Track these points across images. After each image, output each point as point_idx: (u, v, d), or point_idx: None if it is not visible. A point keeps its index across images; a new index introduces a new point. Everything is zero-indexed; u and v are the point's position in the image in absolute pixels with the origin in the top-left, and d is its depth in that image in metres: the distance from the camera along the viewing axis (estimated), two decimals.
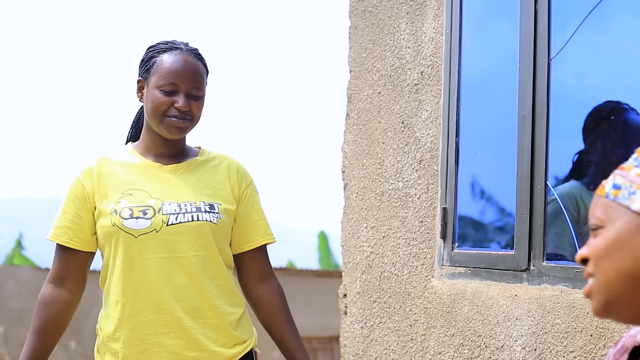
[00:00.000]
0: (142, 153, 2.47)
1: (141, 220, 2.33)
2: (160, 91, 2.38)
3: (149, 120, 2.44)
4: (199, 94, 2.42)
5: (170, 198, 2.38)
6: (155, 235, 2.33)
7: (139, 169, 2.43)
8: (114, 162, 2.45)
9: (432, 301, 3.02)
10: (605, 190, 1.21)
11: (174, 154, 2.47)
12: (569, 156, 2.78)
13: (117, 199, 2.37)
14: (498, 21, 3.07)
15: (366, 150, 3.43)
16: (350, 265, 3.51)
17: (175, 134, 2.41)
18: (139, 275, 2.33)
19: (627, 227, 1.17)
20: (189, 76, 2.39)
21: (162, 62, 2.40)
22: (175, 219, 2.35)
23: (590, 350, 2.40)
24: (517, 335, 2.65)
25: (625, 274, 1.17)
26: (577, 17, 2.66)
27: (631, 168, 1.19)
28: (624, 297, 1.18)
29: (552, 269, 2.59)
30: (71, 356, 10.42)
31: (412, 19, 3.23)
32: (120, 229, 2.33)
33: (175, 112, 2.38)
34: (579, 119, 2.78)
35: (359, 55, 3.52)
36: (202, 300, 2.35)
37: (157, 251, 2.33)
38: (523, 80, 2.73)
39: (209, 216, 2.38)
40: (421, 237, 3.12)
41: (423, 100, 3.15)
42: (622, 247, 1.17)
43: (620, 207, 1.18)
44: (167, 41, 2.47)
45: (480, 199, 3.09)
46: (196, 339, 2.34)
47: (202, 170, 2.47)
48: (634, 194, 1.17)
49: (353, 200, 3.50)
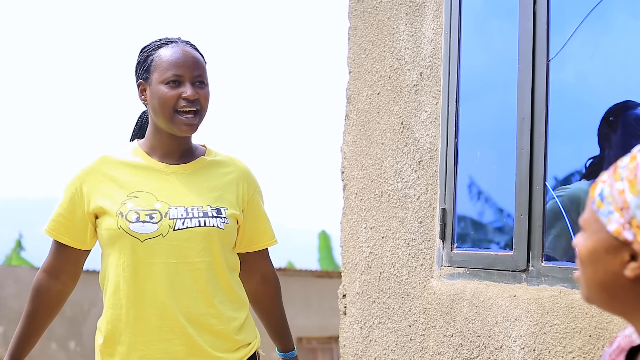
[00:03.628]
0: (147, 152, 2.41)
1: (147, 224, 2.28)
2: (165, 85, 2.32)
3: (156, 120, 2.37)
4: (204, 81, 2.37)
5: (177, 202, 2.33)
6: (162, 240, 2.29)
7: (144, 170, 2.38)
8: (117, 162, 2.39)
9: (431, 301, 3.02)
10: (593, 194, 1.21)
11: (180, 154, 2.41)
12: (568, 157, 2.78)
13: (122, 200, 2.32)
14: (497, 22, 3.08)
15: (365, 151, 3.44)
16: (349, 266, 3.51)
17: (185, 132, 2.35)
18: (144, 280, 2.29)
19: (601, 244, 1.18)
20: (191, 65, 2.34)
21: (161, 57, 2.35)
22: (182, 224, 2.30)
23: (589, 350, 2.41)
24: (516, 336, 2.65)
25: (598, 284, 1.20)
26: (576, 18, 2.66)
27: (618, 178, 1.18)
28: (600, 302, 1.22)
29: (551, 269, 2.59)
30: (71, 356, 10.41)
31: (411, 20, 3.23)
32: (126, 233, 2.29)
33: (184, 103, 2.31)
34: (578, 120, 2.78)
35: (358, 56, 3.52)
36: (206, 307, 2.32)
37: (163, 256, 2.29)
38: (522, 81, 2.74)
39: (216, 221, 2.34)
40: (420, 237, 3.12)
41: (422, 101, 3.15)
42: (596, 260, 1.19)
43: (599, 221, 1.19)
44: (159, 38, 2.43)
45: (479, 200, 3.10)
46: (200, 346, 2.32)
47: (209, 173, 2.42)
48: (612, 214, 1.17)
49: (352, 200, 3.51)
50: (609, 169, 1.22)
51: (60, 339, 10.39)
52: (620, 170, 1.19)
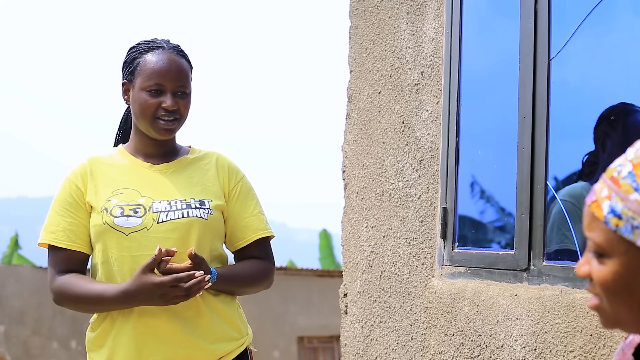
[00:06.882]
0: (132, 153, 2.48)
1: (132, 218, 2.34)
2: (147, 92, 2.38)
3: (137, 123, 2.44)
4: (185, 91, 2.42)
5: (161, 196, 2.38)
6: (147, 233, 2.33)
7: (130, 169, 2.44)
8: (104, 163, 2.46)
9: (432, 301, 3.02)
10: (603, 214, 1.13)
11: (163, 154, 2.48)
12: (569, 156, 2.78)
13: (107, 197, 2.37)
14: (498, 21, 3.08)
15: (366, 150, 3.44)
16: (350, 265, 3.51)
17: (164, 135, 2.42)
18: (130, 274, 2.32)
19: (635, 263, 1.11)
20: (174, 75, 2.39)
21: (146, 63, 2.40)
22: (166, 217, 2.35)
23: (590, 349, 2.40)
24: (517, 335, 2.65)
25: (636, 307, 1.13)
26: (577, 17, 2.66)
27: (629, 190, 1.11)
28: (634, 325, 1.15)
29: (552, 268, 2.59)
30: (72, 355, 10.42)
31: (412, 19, 3.23)
32: (110, 227, 2.34)
33: (163, 112, 2.38)
34: (579, 119, 2.78)
35: (360, 55, 3.52)
36: (194, 298, 2.33)
37: (148, 249, 2.32)
38: (523, 80, 2.73)
39: (200, 212, 2.38)
40: (421, 236, 3.12)
41: (423, 100, 3.15)
42: (631, 282, 1.12)
43: (624, 240, 1.11)
44: (147, 40, 2.46)
45: (480, 199, 3.10)
46: (189, 337, 2.34)
47: (193, 168, 2.47)
48: (638, 228, 1.09)
49: (353, 199, 3.51)
50: (602, 181, 1.16)
51: (61, 338, 10.39)
52: (626, 181, 1.13)
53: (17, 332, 10.17)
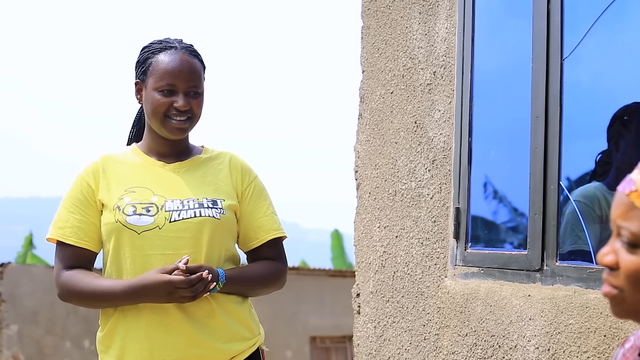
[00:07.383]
0: (145, 152, 2.48)
1: (144, 217, 2.34)
2: (159, 92, 2.39)
3: (149, 122, 2.45)
4: (198, 91, 2.42)
5: (174, 195, 2.39)
6: (159, 232, 2.34)
7: (143, 168, 2.45)
8: (117, 161, 2.47)
9: (445, 301, 3.02)
10: None
11: (176, 153, 2.48)
12: (582, 156, 2.77)
13: (120, 195, 2.38)
14: (511, 21, 3.07)
15: (379, 150, 3.44)
16: (363, 265, 3.51)
17: (176, 134, 2.42)
18: (141, 272, 2.32)
19: None
20: (187, 75, 2.39)
21: (158, 63, 2.40)
22: (178, 216, 2.35)
23: (603, 350, 2.40)
24: (530, 335, 2.65)
25: None
26: (590, 17, 2.65)
27: None
28: None
29: (566, 269, 2.59)
30: (85, 354, 10.45)
31: (424, 19, 3.23)
32: (123, 226, 2.34)
33: (175, 111, 2.38)
34: (592, 119, 2.77)
35: (372, 55, 3.52)
36: (205, 297, 2.34)
37: (160, 248, 2.33)
38: (536, 80, 2.73)
39: (212, 212, 2.38)
40: (434, 237, 3.12)
41: (436, 100, 3.15)
42: None
43: None
44: (160, 40, 2.46)
45: (493, 199, 3.09)
46: (200, 337, 2.34)
47: (206, 168, 2.48)
48: None
49: (366, 200, 3.51)
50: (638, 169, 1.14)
51: (74, 338, 10.43)
52: None
53: (30, 331, 10.21)
